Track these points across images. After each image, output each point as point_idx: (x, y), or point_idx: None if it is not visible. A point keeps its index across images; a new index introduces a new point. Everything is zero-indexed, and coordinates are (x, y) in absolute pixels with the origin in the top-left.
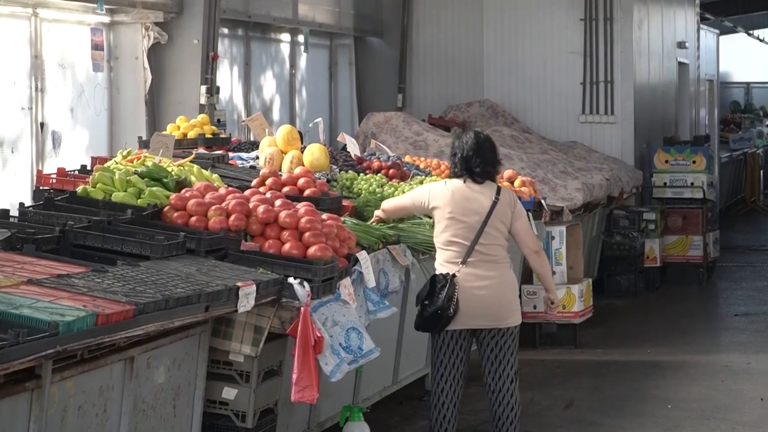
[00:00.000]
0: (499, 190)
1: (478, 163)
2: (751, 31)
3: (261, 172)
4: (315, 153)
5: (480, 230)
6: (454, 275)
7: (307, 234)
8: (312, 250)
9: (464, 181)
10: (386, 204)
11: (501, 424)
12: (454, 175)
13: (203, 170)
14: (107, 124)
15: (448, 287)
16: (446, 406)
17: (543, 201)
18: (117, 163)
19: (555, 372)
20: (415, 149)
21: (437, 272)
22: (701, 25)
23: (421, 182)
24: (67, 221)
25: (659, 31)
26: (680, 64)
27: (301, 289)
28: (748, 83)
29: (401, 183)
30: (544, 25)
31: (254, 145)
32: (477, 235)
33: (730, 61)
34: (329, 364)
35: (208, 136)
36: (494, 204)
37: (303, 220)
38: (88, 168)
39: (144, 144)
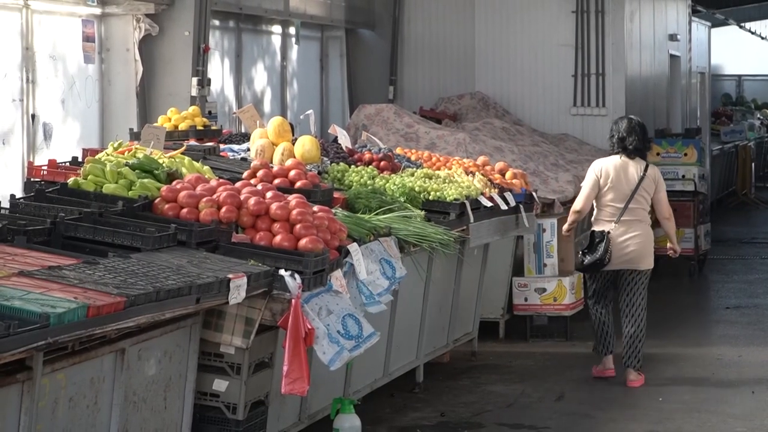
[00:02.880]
0: (647, 167)
1: (630, 142)
2: (742, 24)
3: (252, 164)
4: (306, 145)
5: (631, 197)
6: (609, 232)
7: (298, 226)
8: (303, 242)
9: (620, 157)
10: (577, 205)
11: (630, 339)
12: (612, 152)
13: (194, 162)
14: (98, 116)
15: (605, 242)
16: (606, 324)
17: (534, 193)
18: (108, 154)
19: (546, 364)
20: (407, 141)
21: (595, 228)
22: (693, 18)
23: (412, 174)
24: (58, 213)
25: (651, 23)
26: (672, 56)
27: (292, 281)
28: (739, 76)
29: (392, 175)
30: (535, 18)
31: (245, 137)
32: (628, 201)
33: (721, 54)
34: (327, 353)
35: (200, 128)
36: (642, 178)
37: (294, 212)
38: (80, 160)
39: (135, 136)
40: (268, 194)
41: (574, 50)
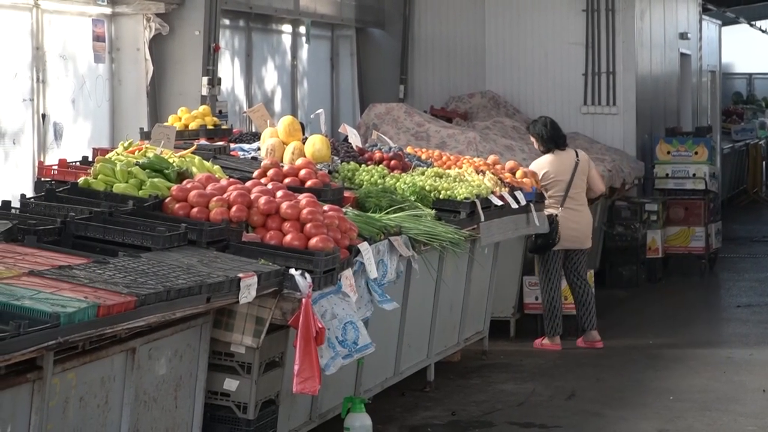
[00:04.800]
0: (577, 153)
1: (558, 137)
2: (753, 22)
3: (262, 163)
4: (316, 144)
5: (569, 183)
6: (556, 215)
7: (308, 225)
8: (313, 241)
9: (554, 152)
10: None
11: (583, 306)
12: (546, 150)
13: (204, 161)
14: (109, 116)
15: (553, 224)
16: (557, 298)
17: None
18: (118, 154)
19: (557, 363)
20: (417, 140)
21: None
22: (703, 16)
23: (423, 173)
24: (69, 212)
25: (661, 22)
26: (682, 55)
27: (302, 280)
28: (750, 74)
29: (403, 174)
30: (545, 16)
31: (256, 137)
32: (568, 187)
33: (732, 52)
34: (324, 357)
35: (210, 127)
36: (576, 164)
37: (304, 211)
38: (90, 159)
39: (145, 135)
40: (279, 193)
41: (584, 49)
